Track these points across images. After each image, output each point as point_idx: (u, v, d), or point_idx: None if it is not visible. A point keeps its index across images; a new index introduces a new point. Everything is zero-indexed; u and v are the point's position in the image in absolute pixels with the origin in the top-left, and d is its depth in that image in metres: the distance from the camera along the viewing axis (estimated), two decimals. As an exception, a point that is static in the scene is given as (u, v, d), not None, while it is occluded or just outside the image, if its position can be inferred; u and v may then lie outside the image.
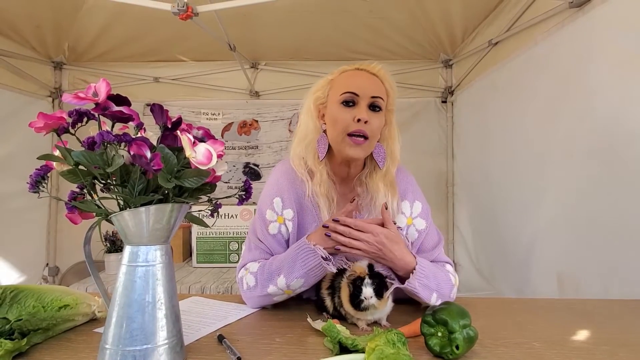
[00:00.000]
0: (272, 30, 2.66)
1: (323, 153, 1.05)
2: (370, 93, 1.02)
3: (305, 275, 0.95)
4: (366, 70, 1.07)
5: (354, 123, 1.00)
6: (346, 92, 1.02)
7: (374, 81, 1.05)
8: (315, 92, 1.10)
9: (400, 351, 0.67)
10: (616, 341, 0.84)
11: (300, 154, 1.10)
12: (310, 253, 0.95)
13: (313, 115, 1.09)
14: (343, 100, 1.02)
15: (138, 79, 3.05)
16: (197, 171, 0.67)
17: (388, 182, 1.07)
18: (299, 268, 0.95)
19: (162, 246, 0.72)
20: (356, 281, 0.87)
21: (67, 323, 0.87)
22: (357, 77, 1.05)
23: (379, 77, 1.06)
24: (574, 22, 1.64)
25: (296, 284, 0.96)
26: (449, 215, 3.05)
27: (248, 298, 1.05)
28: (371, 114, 1.02)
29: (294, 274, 0.95)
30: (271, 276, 0.99)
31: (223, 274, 2.40)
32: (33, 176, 0.69)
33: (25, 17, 2.47)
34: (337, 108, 1.03)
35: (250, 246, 1.11)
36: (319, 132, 1.08)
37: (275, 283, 0.98)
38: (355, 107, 1.02)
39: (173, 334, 0.71)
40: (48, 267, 2.98)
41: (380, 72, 1.07)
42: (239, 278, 1.07)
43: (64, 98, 0.61)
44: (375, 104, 1.03)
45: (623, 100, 1.37)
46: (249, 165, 3.14)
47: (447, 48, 2.89)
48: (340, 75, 1.08)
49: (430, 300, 0.97)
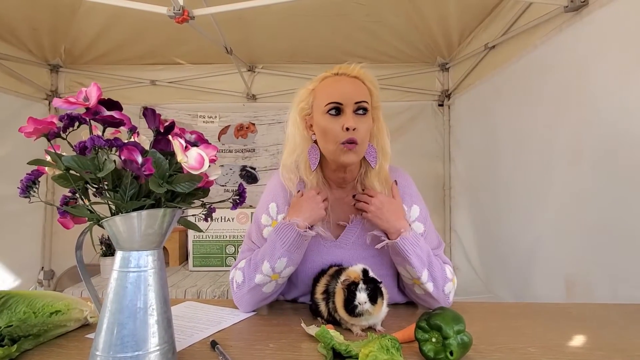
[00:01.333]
0: (269, 33, 2.66)
1: (315, 163, 1.06)
2: (354, 99, 1.01)
3: (287, 253, 0.97)
4: (346, 74, 1.05)
5: (344, 132, 0.99)
6: (330, 103, 1.01)
7: (355, 85, 1.03)
8: (299, 103, 1.09)
9: (394, 357, 0.67)
10: (612, 346, 0.84)
11: (290, 166, 1.10)
12: (286, 228, 0.98)
13: (300, 127, 1.08)
14: (329, 110, 1.01)
15: (135, 82, 3.05)
16: (189, 176, 0.67)
17: (382, 179, 1.08)
18: (279, 247, 0.98)
19: (154, 251, 0.71)
20: (350, 286, 0.87)
21: (58, 329, 0.86)
22: (338, 84, 1.04)
23: (360, 79, 1.05)
24: (572, 27, 1.64)
25: (280, 264, 0.98)
26: (445, 219, 3.04)
27: (239, 299, 1.05)
28: (358, 118, 1.01)
29: (276, 254, 0.98)
30: (256, 266, 1.01)
31: (219, 277, 2.39)
32: (24, 181, 0.68)
33: (22, 20, 2.46)
34: (323, 119, 1.02)
35: (243, 249, 1.14)
36: (309, 142, 1.08)
37: (260, 271, 0.99)
38: (341, 116, 1.01)
39: (165, 340, 0.70)
40: (43, 271, 2.96)
41: (360, 73, 1.05)
42: (230, 279, 1.08)
43: (55, 103, 0.60)
44: (360, 108, 1.02)
45: (628, 104, 1.37)
46: (246, 169, 3.13)
47: (443, 51, 2.90)
48: (322, 84, 1.06)
49: (421, 274, 1.00)
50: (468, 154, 2.85)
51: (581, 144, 1.60)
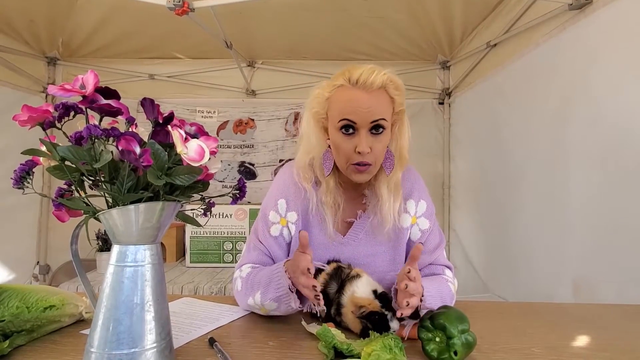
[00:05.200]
0: (269, 28, 2.64)
1: (329, 169, 1.00)
2: (370, 118, 0.91)
3: (278, 300, 0.89)
4: (366, 88, 0.92)
5: (356, 154, 0.93)
6: (343, 120, 0.92)
7: (374, 101, 0.92)
8: (314, 107, 1.00)
9: (397, 357, 0.65)
10: (616, 347, 0.83)
11: (305, 166, 1.04)
12: (283, 279, 0.88)
13: (315, 129, 1.01)
14: (341, 127, 0.94)
15: (133, 75, 3.02)
16: (188, 168, 0.65)
17: (392, 184, 1.02)
18: (273, 290, 0.90)
19: (152, 246, 0.69)
20: (371, 316, 0.81)
21: (52, 324, 0.84)
22: (355, 100, 0.92)
23: (384, 88, 0.94)
24: (575, 25, 1.63)
25: (270, 305, 0.91)
26: (445, 217, 3.03)
27: (239, 300, 1.03)
28: (373, 138, 0.94)
29: (268, 294, 0.90)
30: (252, 289, 0.95)
31: (217, 274, 2.38)
32: (17, 171, 0.66)
33: (19, 12, 2.43)
34: (336, 135, 0.95)
35: (249, 246, 1.07)
36: (324, 146, 1.01)
37: (253, 297, 0.94)
38: (355, 136, 0.93)
39: (162, 337, 0.68)
40: (39, 266, 2.93)
41: (384, 83, 0.93)
42: (234, 278, 1.05)
43: (50, 90, 0.58)
44: (376, 126, 0.93)
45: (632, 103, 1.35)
46: (245, 165, 3.11)
47: (445, 49, 2.88)
48: (337, 94, 0.95)
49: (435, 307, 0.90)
50: (468, 153, 2.84)
51: (584, 144, 1.59)
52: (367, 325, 0.81)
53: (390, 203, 1.01)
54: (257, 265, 1.03)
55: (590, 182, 1.57)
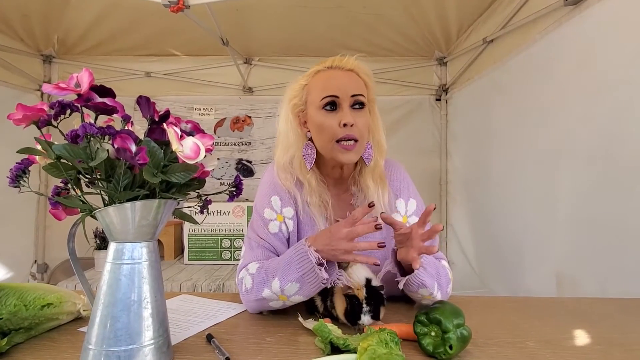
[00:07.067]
0: (265, 25, 2.63)
1: (311, 163, 1.01)
2: (351, 92, 0.97)
3: (301, 280, 0.86)
4: (340, 67, 1.01)
5: (341, 128, 0.95)
6: (326, 97, 0.97)
7: (350, 78, 0.99)
8: (291, 99, 1.04)
9: (392, 351, 0.66)
10: (610, 340, 0.84)
11: (285, 165, 1.05)
12: (305, 256, 0.86)
13: (293, 124, 1.03)
14: (324, 105, 0.97)
15: (129, 73, 3.01)
16: (184, 166, 0.65)
17: (377, 176, 1.04)
18: (293, 271, 0.86)
19: (149, 243, 0.70)
20: (353, 300, 0.84)
21: (50, 322, 0.84)
22: (333, 77, 0.99)
23: (355, 71, 1.01)
24: (571, 21, 1.63)
25: (290, 288, 0.87)
26: (442, 213, 3.04)
27: (246, 302, 0.99)
28: (355, 113, 0.97)
29: (289, 277, 0.87)
30: (267, 278, 0.91)
31: (215, 271, 2.38)
32: (13, 170, 0.66)
33: (14, 9, 2.41)
34: (319, 114, 0.98)
35: (251, 245, 1.03)
36: (303, 140, 1.03)
37: (269, 286, 0.90)
38: (338, 111, 0.97)
39: (159, 334, 0.69)
40: (36, 264, 2.93)
41: (355, 65, 1.01)
42: (239, 279, 1.00)
43: (44, 88, 0.58)
44: (357, 102, 0.98)
45: (624, 102, 1.36)
46: (242, 162, 3.11)
47: (441, 45, 2.88)
48: (315, 78, 1.02)
49: (433, 290, 0.93)
50: (465, 149, 2.85)
51: (577, 141, 1.60)
52: (350, 309, 0.84)
53: (379, 194, 1.02)
54: (264, 261, 1.01)
55: (579, 179, 1.58)
